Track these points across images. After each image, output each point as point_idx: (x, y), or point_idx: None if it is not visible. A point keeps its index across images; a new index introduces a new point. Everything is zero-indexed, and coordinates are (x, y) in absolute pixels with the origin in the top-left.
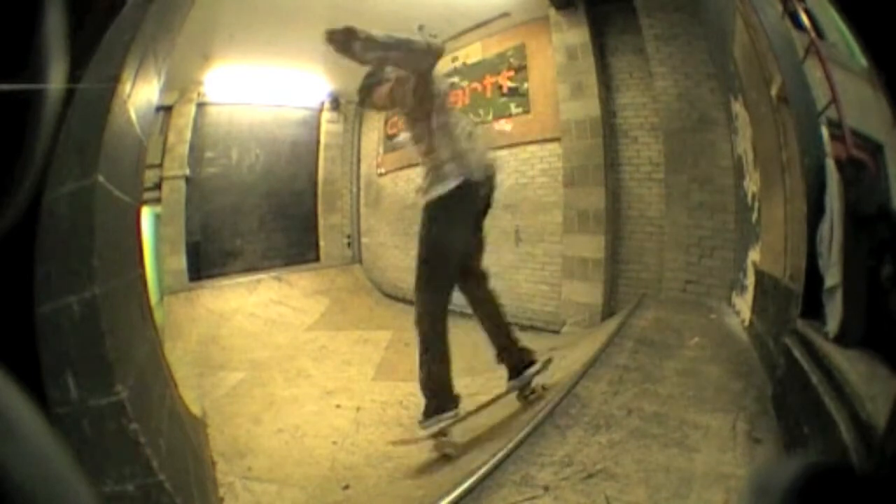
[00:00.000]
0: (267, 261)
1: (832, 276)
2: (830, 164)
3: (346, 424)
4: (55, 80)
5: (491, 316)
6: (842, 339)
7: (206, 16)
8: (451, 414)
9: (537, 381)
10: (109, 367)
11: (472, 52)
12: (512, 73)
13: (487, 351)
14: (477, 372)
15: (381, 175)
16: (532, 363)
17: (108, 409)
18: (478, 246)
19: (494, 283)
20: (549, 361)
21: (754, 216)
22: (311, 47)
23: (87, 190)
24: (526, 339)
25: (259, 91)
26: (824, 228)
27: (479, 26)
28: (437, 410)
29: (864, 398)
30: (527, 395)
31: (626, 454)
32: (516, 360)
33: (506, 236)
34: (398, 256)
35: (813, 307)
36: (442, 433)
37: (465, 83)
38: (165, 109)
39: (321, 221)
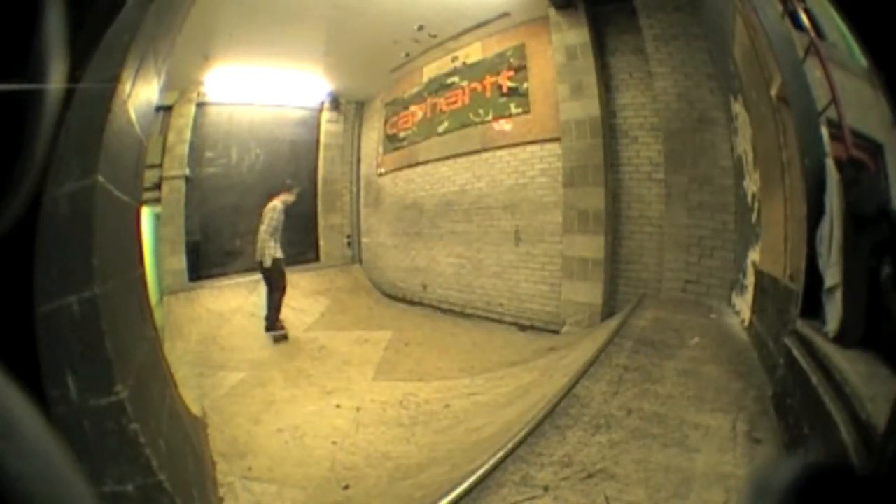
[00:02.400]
0: None
1: (832, 276)
2: (830, 164)
3: (346, 424)
4: (55, 80)
5: None
6: (842, 339)
7: (206, 16)
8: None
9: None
10: (109, 367)
11: (472, 52)
12: (512, 73)
13: (487, 351)
14: (476, 372)
15: (381, 175)
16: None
17: (108, 409)
18: None
19: (494, 283)
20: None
21: (754, 216)
22: (311, 47)
23: (87, 190)
24: (526, 339)
25: (259, 91)
26: (824, 228)
27: (479, 26)
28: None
29: (864, 398)
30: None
31: (626, 454)
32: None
33: (506, 236)
34: (398, 256)
35: (813, 307)
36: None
37: (465, 83)
38: (165, 109)
39: (321, 221)
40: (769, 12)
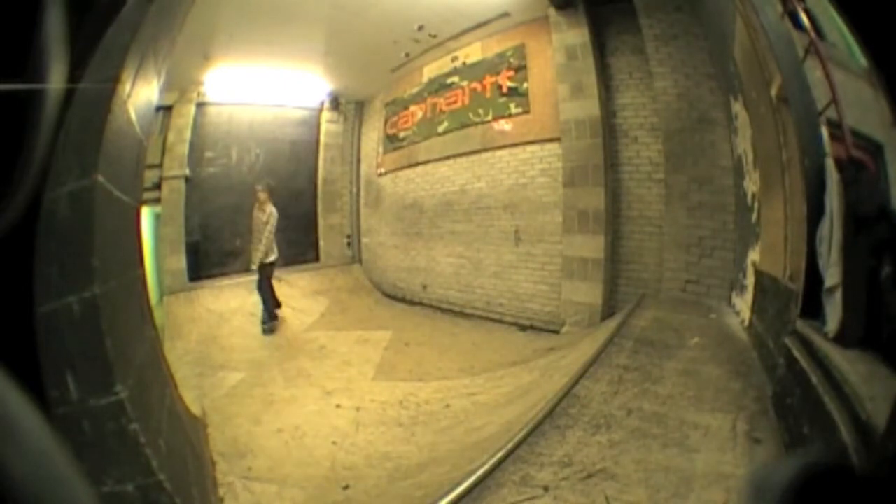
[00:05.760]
0: None
1: (832, 276)
2: (830, 164)
3: (346, 424)
4: (55, 80)
5: None
6: (842, 339)
7: (206, 16)
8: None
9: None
10: (109, 367)
11: (472, 52)
12: (512, 73)
13: (487, 351)
14: (476, 372)
15: (381, 175)
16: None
17: (108, 409)
18: None
19: (494, 283)
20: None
21: (754, 216)
22: (311, 47)
23: (87, 190)
24: (526, 339)
25: (259, 91)
26: (824, 228)
27: (479, 26)
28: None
29: (864, 398)
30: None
31: (626, 454)
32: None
33: (506, 236)
34: (398, 256)
35: (813, 307)
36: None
37: (464, 83)
38: (165, 109)
39: (321, 221)
40: (769, 12)
